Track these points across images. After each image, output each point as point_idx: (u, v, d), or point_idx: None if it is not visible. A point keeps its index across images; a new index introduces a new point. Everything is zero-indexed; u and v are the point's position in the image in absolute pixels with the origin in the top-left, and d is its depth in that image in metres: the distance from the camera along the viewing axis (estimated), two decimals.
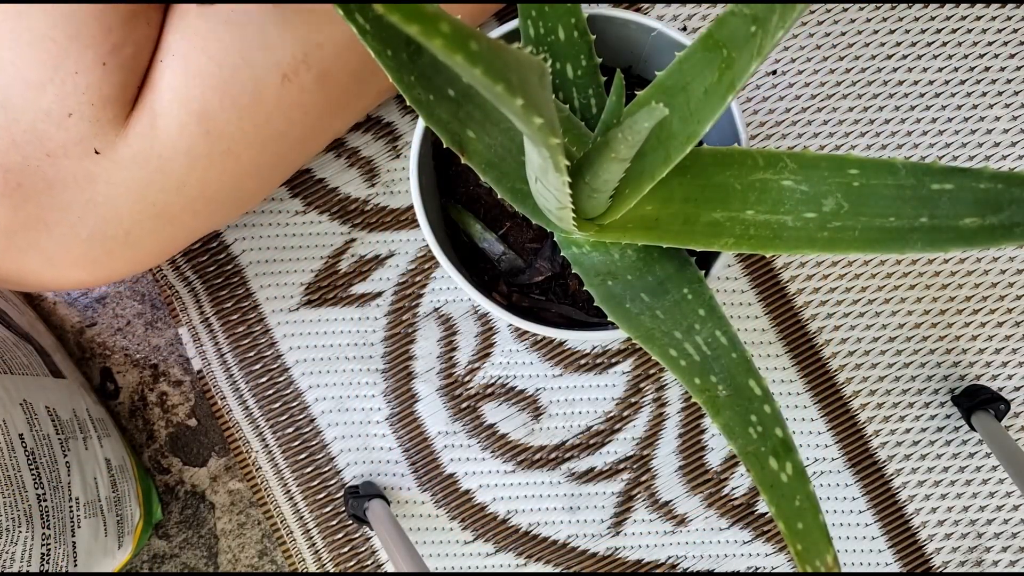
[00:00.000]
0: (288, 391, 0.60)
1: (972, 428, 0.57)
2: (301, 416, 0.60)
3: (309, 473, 0.60)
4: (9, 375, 0.50)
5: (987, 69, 0.61)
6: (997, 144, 0.60)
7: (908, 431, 0.59)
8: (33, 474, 0.47)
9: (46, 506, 0.47)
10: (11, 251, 0.43)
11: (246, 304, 0.60)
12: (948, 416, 0.59)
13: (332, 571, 0.60)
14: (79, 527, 0.50)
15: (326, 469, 0.60)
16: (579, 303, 0.45)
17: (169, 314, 0.62)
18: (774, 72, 0.61)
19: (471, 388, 0.60)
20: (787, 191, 0.34)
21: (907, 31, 0.61)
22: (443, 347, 0.60)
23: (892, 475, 0.59)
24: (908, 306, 0.60)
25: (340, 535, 0.60)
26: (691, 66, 0.33)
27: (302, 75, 0.45)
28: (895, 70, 0.61)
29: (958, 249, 0.32)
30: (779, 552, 0.59)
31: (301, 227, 0.61)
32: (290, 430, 0.60)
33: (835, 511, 0.59)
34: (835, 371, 0.60)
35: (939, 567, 0.59)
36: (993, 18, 0.61)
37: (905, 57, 0.61)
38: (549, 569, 0.60)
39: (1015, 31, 0.61)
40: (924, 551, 0.59)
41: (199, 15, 0.44)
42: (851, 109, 0.61)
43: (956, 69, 0.61)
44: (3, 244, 0.42)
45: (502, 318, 0.43)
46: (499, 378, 0.60)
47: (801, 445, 0.59)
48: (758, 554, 0.59)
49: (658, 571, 0.59)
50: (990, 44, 0.61)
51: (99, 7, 0.40)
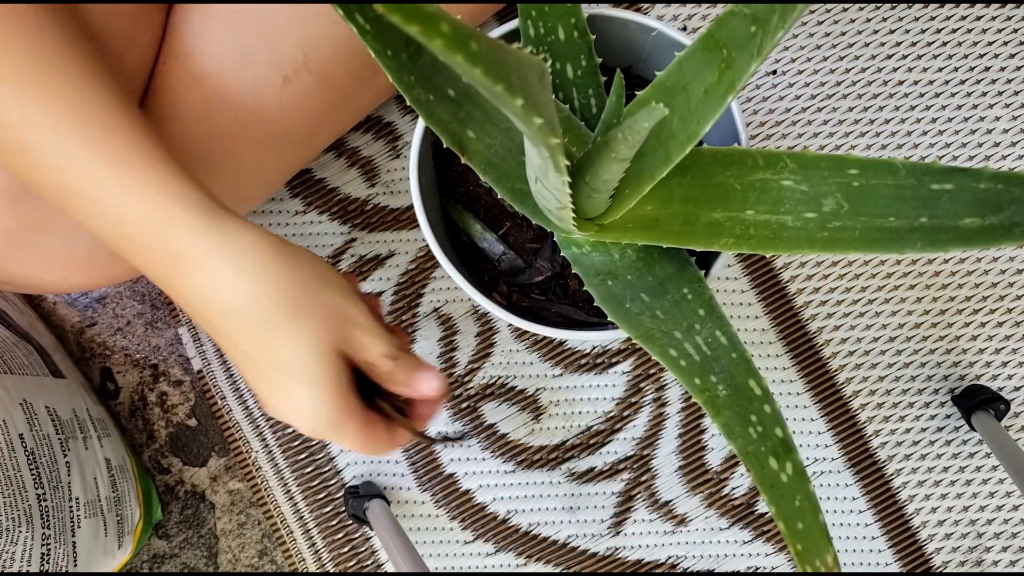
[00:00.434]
0: None
1: (972, 428, 0.57)
2: None
3: (309, 473, 0.60)
4: (9, 375, 0.50)
5: (987, 69, 0.61)
6: (997, 144, 0.60)
7: (908, 431, 0.59)
8: (33, 474, 0.47)
9: (46, 506, 0.47)
10: (16, 255, 0.43)
11: None
12: (948, 416, 0.59)
13: (332, 571, 0.60)
14: (79, 527, 0.50)
15: (326, 469, 0.60)
16: (579, 303, 0.45)
17: (169, 314, 0.62)
18: (774, 72, 0.61)
19: (471, 388, 0.60)
20: (787, 191, 0.34)
21: (907, 31, 0.61)
22: (443, 347, 0.60)
23: (892, 475, 0.59)
24: (908, 306, 0.60)
25: (340, 535, 0.60)
26: (691, 66, 0.33)
27: (303, 77, 0.46)
28: (895, 70, 0.61)
29: (958, 249, 0.32)
30: (779, 552, 0.59)
31: (301, 227, 0.61)
32: (290, 430, 0.60)
33: (835, 511, 0.59)
34: (835, 371, 0.60)
35: (939, 567, 0.59)
36: (993, 18, 0.61)
37: (905, 57, 0.61)
38: (549, 569, 0.60)
39: (1015, 31, 0.61)
40: (924, 551, 0.59)
41: (202, 18, 0.44)
42: (851, 109, 0.61)
43: (956, 69, 0.61)
44: (8, 248, 0.43)
45: (502, 318, 0.43)
46: (499, 378, 0.60)
47: (801, 445, 0.59)
48: (758, 554, 0.59)
49: (658, 571, 0.59)
50: (990, 44, 0.61)
51: (101, 13, 0.40)
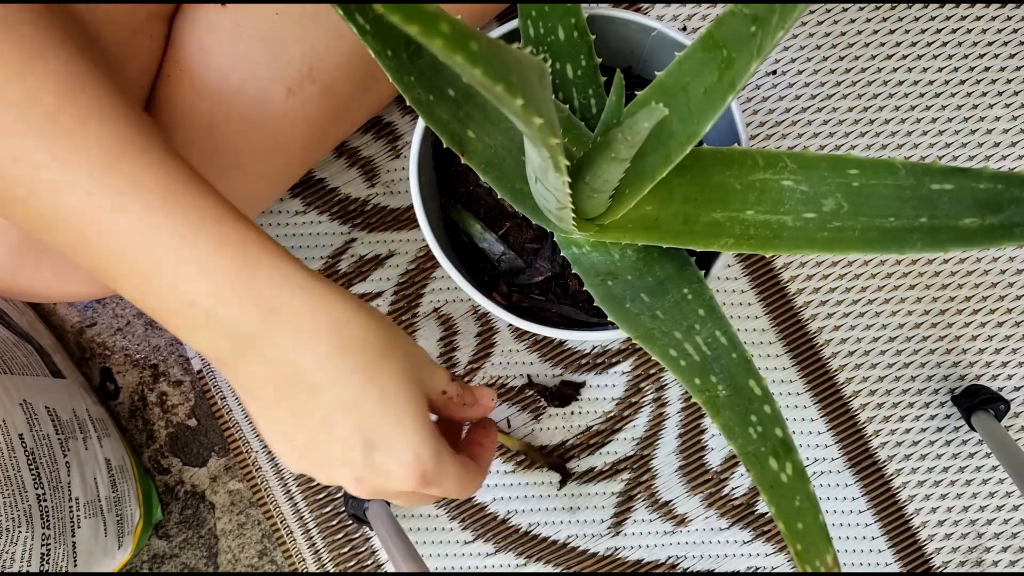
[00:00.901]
0: None
1: (972, 428, 0.57)
2: None
3: None
4: (9, 375, 0.50)
5: (987, 69, 0.61)
6: (997, 144, 0.60)
7: (908, 431, 0.59)
8: (33, 474, 0.47)
9: (46, 506, 0.47)
10: (24, 267, 0.44)
11: None
12: (948, 416, 0.59)
13: (332, 571, 0.60)
14: (79, 527, 0.50)
15: None
16: (579, 303, 0.45)
17: None
18: (774, 72, 0.61)
19: None
20: (787, 191, 0.34)
21: (907, 31, 0.61)
22: (443, 347, 0.60)
23: (892, 475, 0.59)
24: (908, 306, 0.60)
25: (340, 535, 0.60)
26: (691, 66, 0.33)
27: (307, 88, 0.46)
28: (895, 70, 0.61)
29: (958, 249, 0.32)
30: (779, 552, 0.59)
31: (301, 227, 0.61)
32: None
33: (835, 511, 0.59)
34: (835, 371, 0.60)
35: (939, 567, 0.59)
36: (993, 18, 0.61)
37: (905, 57, 0.61)
38: (549, 569, 0.60)
39: (1015, 31, 0.61)
40: (924, 551, 0.59)
41: (207, 30, 0.44)
42: (851, 109, 0.61)
43: (956, 69, 0.61)
44: (17, 260, 0.43)
45: (502, 318, 0.43)
46: (499, 378, 0.60)
47: (801, 445, 0.59)
48: (758, 554, 0.59)
49: (658, 571, 0.59)
50: (990, 44, 0.61)
51: (98, 25, 0.40)
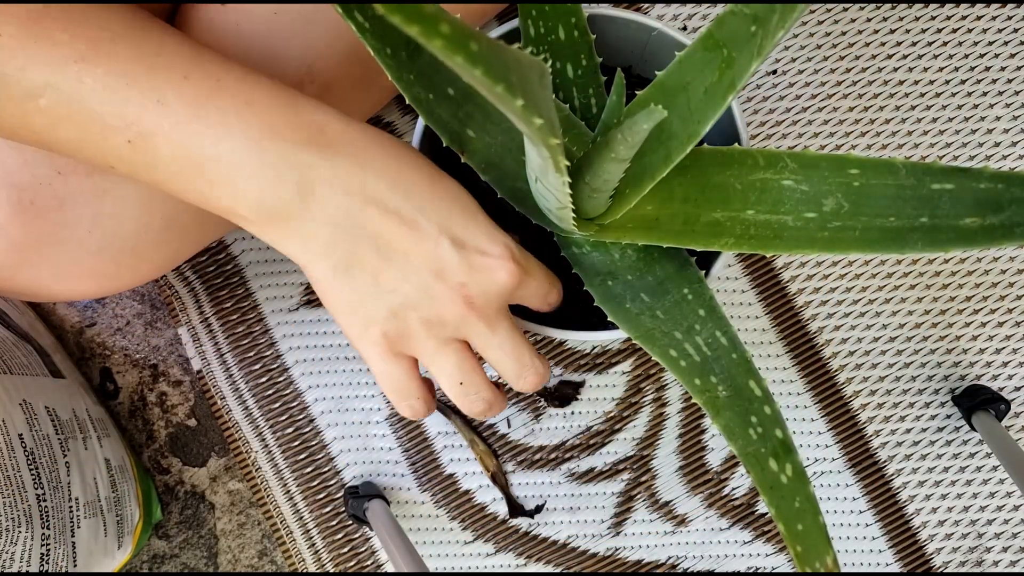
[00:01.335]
0: (288, 391, 0.60)
1: (972, 428, 0.57)
2: (301, 416, 0.60)
3: (309, 473, 0.60)
4: (9, 375, 0.50)
5: (987, 69, 0.61)
6: (997, 144, 0.60)
7: (908, 431, 0.59)
8: (33, 474, 0.47)
9: (46, 506, 0.47)
10: (24, 266, 0.43)
11: (246, 304, 0.60)
12: (948, 416, 0.59)
13: (332, 571, 0.60)
14: (79, 527, 0.50)
15: (326, 469, 0.60)
16: (579, 303, 0.45)
17: (169, 314, 0.62)
18: (774, 72, 0.61)
19: None
20: (787, 191, 0.34)
21: (907, 31, 0.61)
22: None
23: (892, 475, 0.59)
24: (908, 306, 0.60)
25: (340, 535, 0.60)
26: (691, 66, 0.33)
27: (307, 88, 0.46)
28: (895, 70, 0.61)
29: (958, 249, 0.32)
30: (779, 552, 0.59)
31: None
32: (290, 430, 0.60)
33: (835, 511, 0.59)
34: (835, 371, 0.60)
35: (939, 567, 0.59)
36: (993, 18, 0.61)
37: (905, 57, 0.61)
38: (549, 569, 0.59)
39: (1015, 31, 0.61)
40: (924, 551, 0.59)
41: (206, 31, 0.44)
42: (851, 109, 0.61)
43: (956, 69, 0.61)
44: (17, 259, 0.43)
45: None
46: (499, 378, 0.60)
47: (801, 445, 0.59)
48: (758, 554, 0.59)
49: (658, 571, 0.59)
50: (990, 44, 0.61)
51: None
